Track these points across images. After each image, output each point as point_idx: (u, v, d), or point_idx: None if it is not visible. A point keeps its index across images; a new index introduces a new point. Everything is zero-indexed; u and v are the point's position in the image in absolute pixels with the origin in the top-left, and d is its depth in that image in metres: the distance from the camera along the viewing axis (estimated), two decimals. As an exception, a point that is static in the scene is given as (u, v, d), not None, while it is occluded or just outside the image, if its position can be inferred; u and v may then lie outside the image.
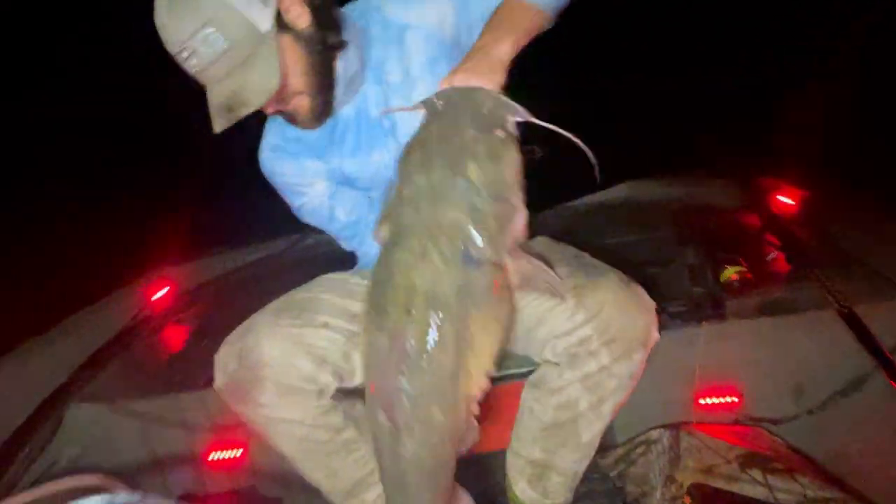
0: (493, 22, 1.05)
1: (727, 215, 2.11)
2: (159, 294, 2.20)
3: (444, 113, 0.92)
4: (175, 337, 1.96)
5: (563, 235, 1.31)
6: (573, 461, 1.20)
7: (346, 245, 1.37)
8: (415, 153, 0.91)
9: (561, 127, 0.89)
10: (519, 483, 1.25)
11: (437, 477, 0.98)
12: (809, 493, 1.17)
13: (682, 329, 1.49)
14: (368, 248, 1.33)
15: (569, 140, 0.89)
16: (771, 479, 1.21)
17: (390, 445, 0.93)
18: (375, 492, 1.27)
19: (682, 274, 1.59)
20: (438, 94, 0.93)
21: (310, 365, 1.12)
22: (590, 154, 0.91)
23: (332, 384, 1.16)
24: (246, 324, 1.17)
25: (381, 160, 1.21)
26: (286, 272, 1.37)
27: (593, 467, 1.51)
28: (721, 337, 1.48)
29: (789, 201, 2.04)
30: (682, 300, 1.55)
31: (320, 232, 1.38)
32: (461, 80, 0.94)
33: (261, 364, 1.10)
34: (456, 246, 0.86)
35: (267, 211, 1.31)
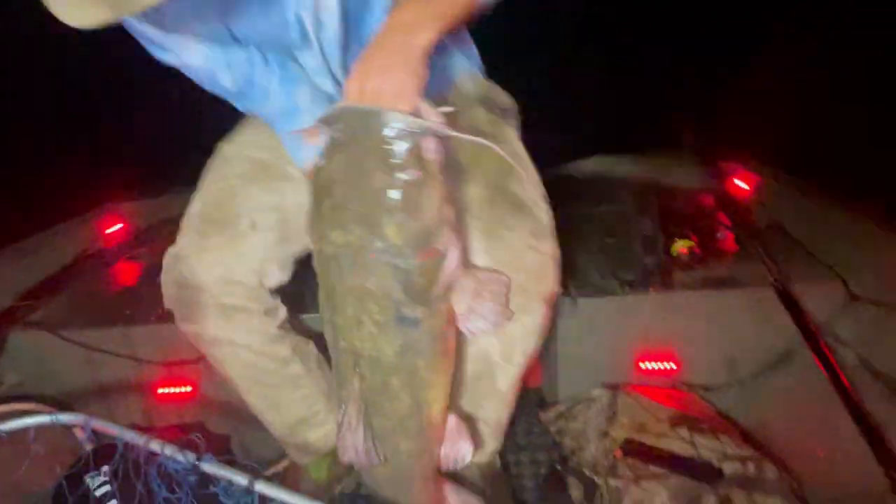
0: None
1: (685, 194, 2.17)
2: (112, 229, 2.15)
3: (347, 147, 0.80)
4: (127, 273, 1.92)
5: None
6: (496, 410, 1.25)
7: (240, 107, 1.16)
8: (324, 199, 0.82)
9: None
10: None
11: (412, 487, 1.10)
12: (729, 451, 1.26)
13: (631, 296, 1.55)
14: (262, 109, 1.13)
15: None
16: (696, 438, 1.30)
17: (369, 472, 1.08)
18: (318, 432, 1.29)
19: (635, 244, 1.64)
20: (338, 116, 0.80)
21: (252, 277, 1.12)
22: (510, 160, 0.85)
23: (281, 309, 1.19)
24: (174, 249, 1.14)
25: (272, 17, 0.99)
26: None
27: (535, 422, 1.58)
28: (666, 306, 1.55)
29: (744, 185, 2.12)
30: (633, 268, 1.60)
31: None
32: (373, 91, 0.79)
33: (199, 290, 1.10)
34: (387, 311, 0.84)
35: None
